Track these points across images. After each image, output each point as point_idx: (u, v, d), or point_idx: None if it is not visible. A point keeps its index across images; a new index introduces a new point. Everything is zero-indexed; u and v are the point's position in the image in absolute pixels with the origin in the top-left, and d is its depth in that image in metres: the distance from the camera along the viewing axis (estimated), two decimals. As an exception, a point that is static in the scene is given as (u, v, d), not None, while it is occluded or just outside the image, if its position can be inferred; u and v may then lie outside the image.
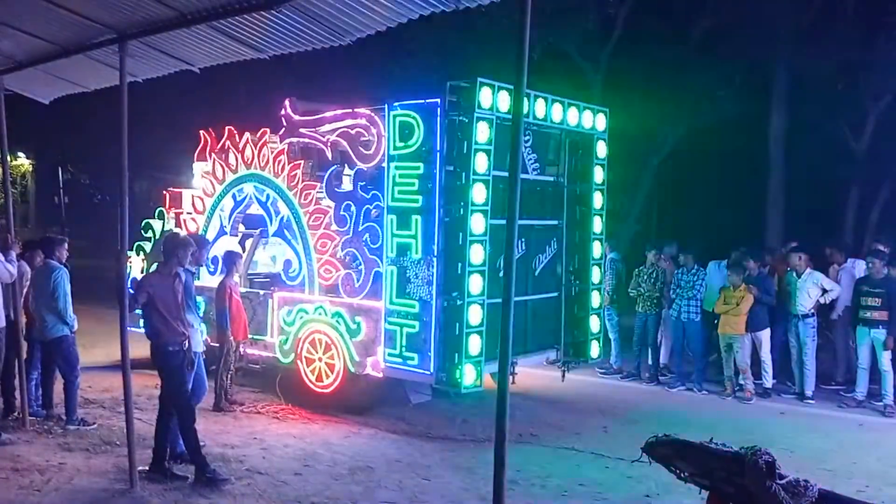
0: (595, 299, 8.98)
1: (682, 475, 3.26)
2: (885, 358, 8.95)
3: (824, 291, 9.56)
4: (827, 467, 6.86)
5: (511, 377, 7.82)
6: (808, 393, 9.49)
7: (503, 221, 4.54)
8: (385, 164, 7.70)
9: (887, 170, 15.68)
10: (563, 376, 8.76)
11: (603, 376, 10.62)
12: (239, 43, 5.79)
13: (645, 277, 10.43)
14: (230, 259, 8.57)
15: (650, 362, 10.52)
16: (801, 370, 9.60)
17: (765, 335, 9.61)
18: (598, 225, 8.93)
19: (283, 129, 8.83)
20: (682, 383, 10.05)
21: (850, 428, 8.36)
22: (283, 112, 8.80)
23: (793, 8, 15.16)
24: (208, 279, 9.40)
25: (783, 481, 2.94)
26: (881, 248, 9.80)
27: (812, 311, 9.55)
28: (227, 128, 9.53)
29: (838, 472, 6.73)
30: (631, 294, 10.51)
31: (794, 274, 9.66)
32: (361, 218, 8.02)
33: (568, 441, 7.51)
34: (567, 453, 7.15)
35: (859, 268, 9.88)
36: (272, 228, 8.99)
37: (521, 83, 4.04)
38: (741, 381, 9.54)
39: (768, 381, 9.71)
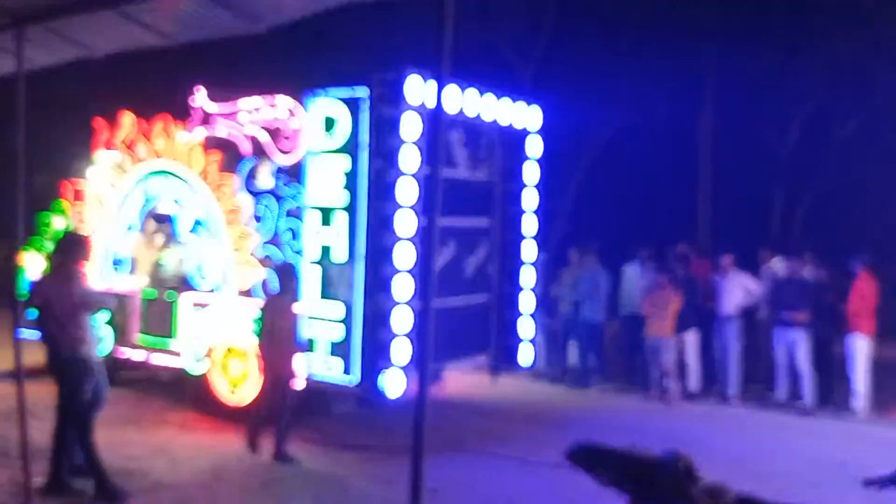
0: (527, 302, 8.85)
1: (604, 480, 3.21)
2: (801, 359, 9.10)
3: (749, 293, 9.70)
4: (747, 469, 6.90)
5: (441, 383, 7.69)
6: (732, 394, 9.60)
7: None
8: (307, 158, 7.40)
9: (811, 172, 16.17)
10: (494, 381, 8.63)
11: (529, 380, 10.53)
12: (145, 29, 5.46)
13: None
14: (286, 273, 7.02)
15: (568, 364, 10.56)
16: (724, 372, 9.72)
17: (690, 337, 9.68)
18: (531, 225, 8.79)
19: (197, 119, 8.38)
20: (593, 382, 10.14)
21: (771, 429, 8.48)
22: (195, 101, 8.36)
23: (720, 11, 15.48)
24: (117, 281, 8.93)
25: (701, 485, 2.98)
26: (803, 250, 9.99)
27: (737, 312, 9.66)
28: (133, 116, 9.00)
29: (758, 474, 6.77)
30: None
31: (720, 275, 9.76)
32: (282, 215, 7.68)
33: (492, 447, 7.39)
34: (491, 459, 7.02)
35: (780, 269, 10.05)
36: (184, 226, 8.54)
37: (443, 73, 3.84)
38: (667, 384, 9.59)
39: (693, 383, 9.79)
